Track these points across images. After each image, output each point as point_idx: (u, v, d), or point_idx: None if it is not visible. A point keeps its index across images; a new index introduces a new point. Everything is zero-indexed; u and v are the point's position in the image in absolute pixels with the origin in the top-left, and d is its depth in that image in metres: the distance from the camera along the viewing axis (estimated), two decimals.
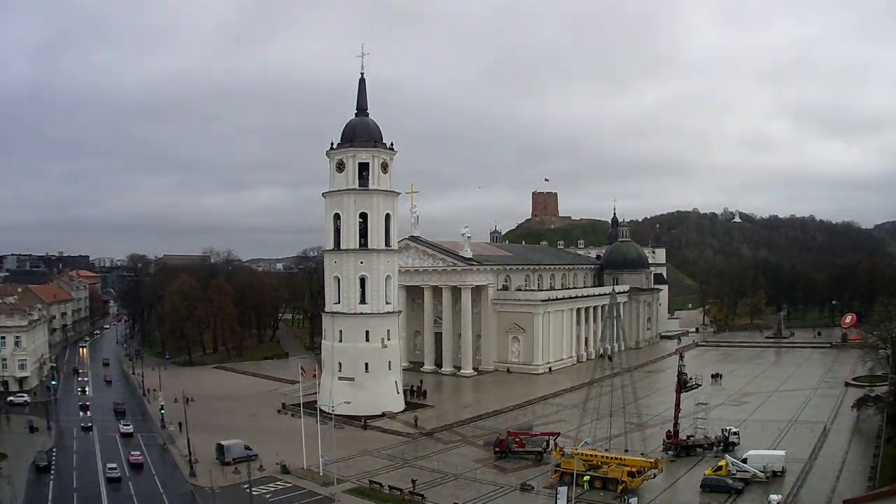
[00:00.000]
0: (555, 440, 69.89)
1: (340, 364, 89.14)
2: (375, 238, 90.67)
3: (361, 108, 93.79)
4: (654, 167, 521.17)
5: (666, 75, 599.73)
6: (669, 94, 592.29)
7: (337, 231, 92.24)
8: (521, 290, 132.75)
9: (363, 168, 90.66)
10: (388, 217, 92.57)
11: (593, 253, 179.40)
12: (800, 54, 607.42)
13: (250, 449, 69.67)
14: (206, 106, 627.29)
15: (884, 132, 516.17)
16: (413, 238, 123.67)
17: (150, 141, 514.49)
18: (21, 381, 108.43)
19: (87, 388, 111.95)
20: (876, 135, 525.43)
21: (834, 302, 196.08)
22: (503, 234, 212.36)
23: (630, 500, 53.39)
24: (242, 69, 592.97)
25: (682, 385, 71.26)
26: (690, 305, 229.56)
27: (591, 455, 61.74)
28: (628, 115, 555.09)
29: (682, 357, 74.42)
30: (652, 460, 60.39)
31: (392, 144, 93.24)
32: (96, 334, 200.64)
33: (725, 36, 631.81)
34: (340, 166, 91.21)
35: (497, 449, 69.87)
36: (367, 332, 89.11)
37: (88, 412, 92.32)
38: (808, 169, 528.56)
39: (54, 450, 74.57)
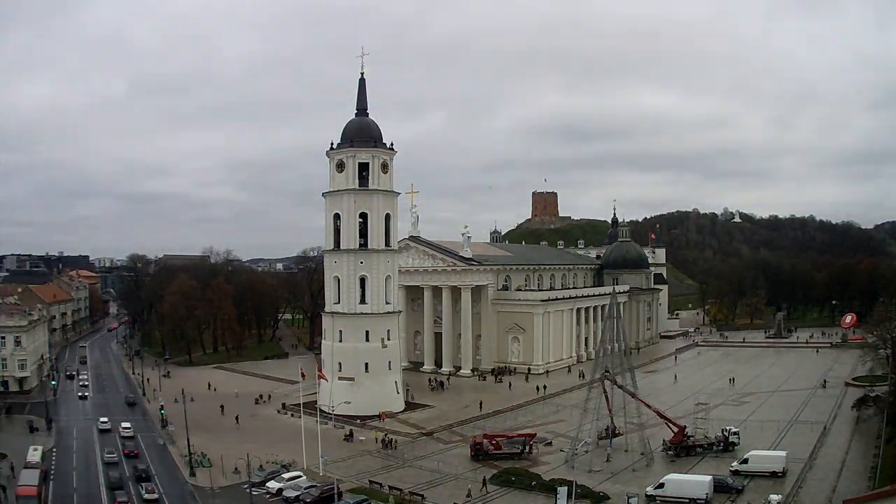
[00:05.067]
0: (530, 442, 70.32)
1: (340, 364, 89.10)
2: (375, 238, 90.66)
3: (361, 108, 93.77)
4: None
5: None
6: None
7: (337, 231, 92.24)
8: (521, 290, 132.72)
9: (363, 168, 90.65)
10: (388, 217, 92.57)
11: (593, 253, 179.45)
12: None
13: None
14: None
15: None
16: (413, 238, 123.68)
17: None
18: (21, 381, 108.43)
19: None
20: None
21: (834, 302, 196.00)
22: (503, 234, 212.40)
23: (631, 500, 53.40)
24: None
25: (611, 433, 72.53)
26: (690, 305, 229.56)
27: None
28: None
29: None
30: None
31: (392, 144, 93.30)
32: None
33: None
34: (340, 166, 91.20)
35: (473, 452, 70.01)
36: (367, 332, 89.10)
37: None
38: None
39: (54, 449, 74.59)
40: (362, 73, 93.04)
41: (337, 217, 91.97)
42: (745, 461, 61.66)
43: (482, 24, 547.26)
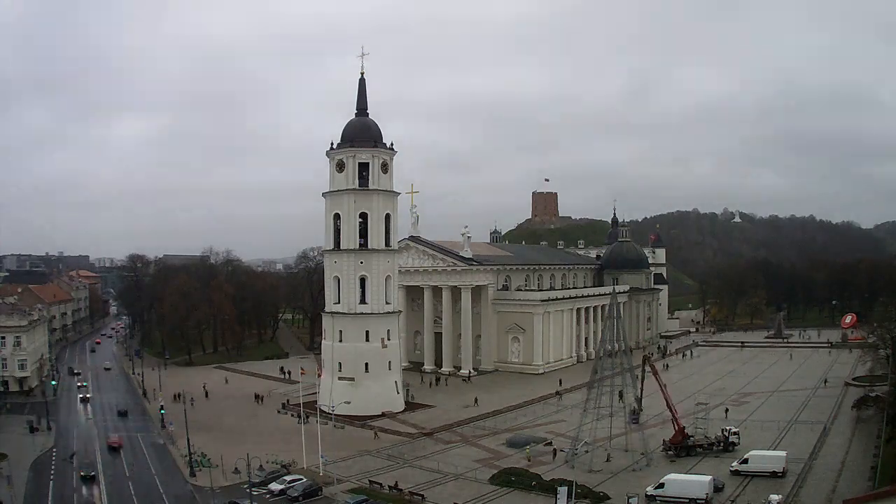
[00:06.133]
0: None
1: (340, 364, 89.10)
2: (375, 238, 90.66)
3: (361, 109, 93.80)
4: None
5: None
6: None
7: (337, 231, 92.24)
8: (521, 290, 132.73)
9: (363, 168, 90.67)
10: (387, 217, 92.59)
11: (593, 253, 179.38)
12: None
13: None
14: None
15: None
16: (413, 238, 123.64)
17: None
18: (21, 381, 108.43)
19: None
20: None
21: (834, 302, 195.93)
22: (503, 234, 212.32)
23: (631, 500, 53.37)
24: None
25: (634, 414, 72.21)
26: (690, 305, 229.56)
27: None
28: None
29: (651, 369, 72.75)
30: None
31: (392, 144, 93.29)
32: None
33: None
34: (340, 166, 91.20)
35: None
36: (367, 332, 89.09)
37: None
38: None
39: (54, 449, 74.57)
40: (362, 73, 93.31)
41: (337, 217, 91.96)
42: (745, 461, 61.60)
43: None
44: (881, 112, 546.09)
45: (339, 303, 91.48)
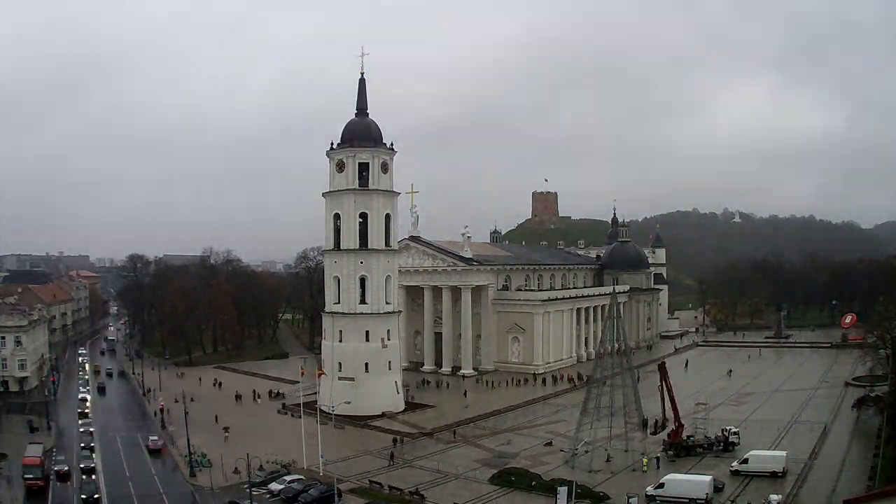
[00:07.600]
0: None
1: (340, 364, 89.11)
2: (375, 238, 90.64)
3: (361, 109, 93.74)
4: None
5: None
6: None
7: (337, 231, 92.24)
8: (521, 290, 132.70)
9: (363, 168, 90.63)
10: (388, 217, 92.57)
11: (593, 253, 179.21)
12: None
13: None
14: None
15: None
16: (413, 238, 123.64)
17: None
18: (21, 381, 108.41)
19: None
20: None
21: (834, 302, 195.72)
22: (503, 234, 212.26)
23: (631, 500, 53.40)
24: None
25: None
26: (690, 305, 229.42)
27: None
28: None
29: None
30: None
31: (392, 144, 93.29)
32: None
33: None
34: (340, 166, 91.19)
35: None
36: (367, 332, 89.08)
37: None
38: None
39: (54, 450, 74.58)
40: (362, 74, 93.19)
41: (337, 217, 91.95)
42: (745, 461, 61.64)
43: None
44: None
45: (339, 303, 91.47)
